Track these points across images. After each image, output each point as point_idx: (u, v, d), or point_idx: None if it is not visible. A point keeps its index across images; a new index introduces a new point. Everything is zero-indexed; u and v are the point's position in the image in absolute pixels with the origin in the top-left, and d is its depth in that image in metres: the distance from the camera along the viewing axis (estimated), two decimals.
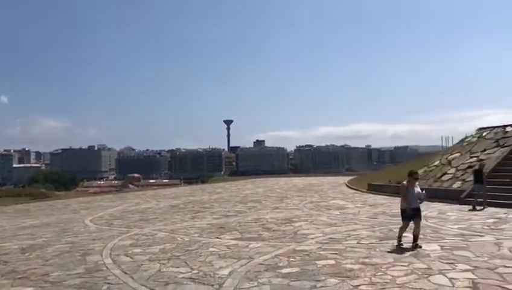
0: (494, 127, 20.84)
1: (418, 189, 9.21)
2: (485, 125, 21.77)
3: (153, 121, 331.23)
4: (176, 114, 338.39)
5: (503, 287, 6.12)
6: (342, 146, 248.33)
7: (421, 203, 9.25)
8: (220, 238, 11.31)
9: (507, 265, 7.30)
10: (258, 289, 6.67)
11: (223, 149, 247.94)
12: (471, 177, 15.98)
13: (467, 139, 21.88)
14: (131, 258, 9.22)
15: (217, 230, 12.61)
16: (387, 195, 20.67)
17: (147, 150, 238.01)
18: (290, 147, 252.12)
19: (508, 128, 19.68)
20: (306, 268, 7.70)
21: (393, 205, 17.09)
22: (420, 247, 8.88)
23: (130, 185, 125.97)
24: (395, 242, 9.31)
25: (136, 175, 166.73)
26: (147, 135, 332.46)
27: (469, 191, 16.09)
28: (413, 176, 9.35)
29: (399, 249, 8.86)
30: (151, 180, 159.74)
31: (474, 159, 18.82)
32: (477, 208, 14.46)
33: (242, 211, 17.06)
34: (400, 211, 9.46)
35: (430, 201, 17.19)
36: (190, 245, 10.35)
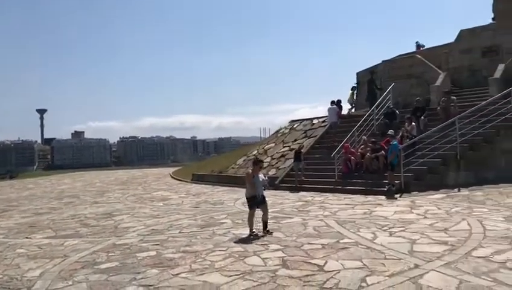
0: (303, 120, 23.13)
1: (262, 176, 9.44)
2: (297, 118, 24.09)
3: None
4: None
5: (307, 262, 6.80)
6: (168, 137, 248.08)
7: (265, 189, 9.51)
8: (30, 238, 10.27)
9: (311, 242, 8.16)
10: (74, 288, 6.24)
11: (36, 141, 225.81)
12: (288, 164, 17.53)
13: (281, 131, 23.86)
14: None
15: (26, 229, 11.42)
16: (210, 184, 21.34)
17: None
18: (113, 139, 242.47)
19: (314, 121, 22.02)
20: (126, 262, 7.47)
21: (215, 193, 17.77)
22: (271, 233, 9.04)
23: None
24: (246, 233, 9.17)
25: None
26: None
27: (290, 168, 17.89)
28: (258, 164, 9.58)
29: (245, 238, 8.83)
30: None
31: (287, 148, 20.64)
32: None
33: (57, 208, 15.77)
34: (245, 199, 9.54)
35: None
36: None
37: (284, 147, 21.15)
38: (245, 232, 9.38)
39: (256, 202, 9.17)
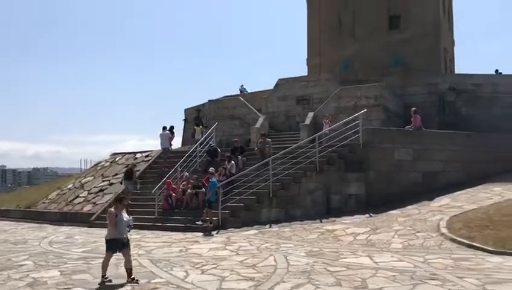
0: (126, 153, 22.38)
1: (126, 216, 8.34)
2: (122, 151, 23.19)
3: None
4: None
5: None
6: None
7: (129, 231, 8.39)
8: None
9: (120, 283, 7.71)
10: None
11: None
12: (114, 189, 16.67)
13: (101, 164, 22.65)
14: None
15: None
16: (15, 220, 19.07)
17: None
18: None
19: (138, 155, 21.46)
20: None
21: (18, 231, 15.86)
22: (137, 281, 7.92)
23: None
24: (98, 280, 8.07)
25: None
26: None
27: (108, 204, 16.75)
28: (121, 202, 8.43)
29: (102, 287, 7.80)
30: None
31: (106, 183, 19.62)
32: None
33: None
34: (105, 241, 8.28)
35: (58, 225, 16.79)
36: None
37: (103, 181, 20.07)
38: (47, 275, 8.47)
39: (117, 245, 8.06)
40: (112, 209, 8.29)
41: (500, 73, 26.08)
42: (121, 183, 17.55)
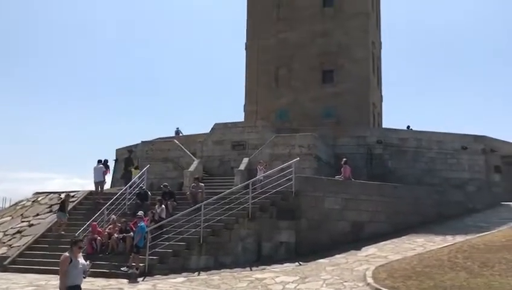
0: (50, 193, 21.18)
1: (82, 261, 7.34)
2: (47, 189, 21.93)
3: None
4: None
5: None
6: None
7: (85, 277, 7.39)
8: None
9: None
10: None
11: None
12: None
13: (22, 203, 21.22)
14: None
15: None
16: None
17: None
18: None
19: (62, 195, 20.35)
20: None
21: None
22: None
23: None
24: None
25: None
26: None
27: (26, 247, 16.34)
28: (77, 244, 7.35)
29: None
30: None
31: (25, 223, 18.35)
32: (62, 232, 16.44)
33: None
34: None
35: None
36: None
37: (22, 221, 18.72)
38: None
39: None
40: (67, 253, 7.29)
41: (411, 129, 27.97)
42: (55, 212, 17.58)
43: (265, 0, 33.70)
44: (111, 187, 23.11)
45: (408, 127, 28.60)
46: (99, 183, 19.74)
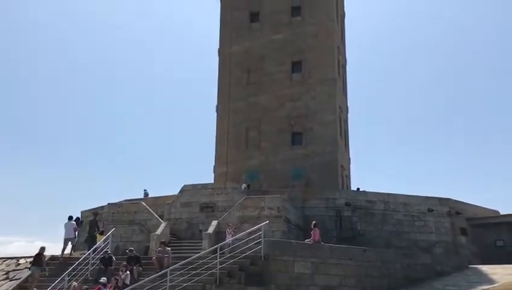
0: (7, 258, 20.18)
1: None
2: (5, 253, 20.93)
3: None
4: None
5: None
6: None
7: None
8: None
9: None
10: None
11: None
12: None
13: None
14: None
15: None
16: None
17: None
18: None
19: (21, 261, 19.44)
20: None
21: None
22: None
23: None
24: None
25: None
26: None
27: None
28: None
29: None
30: None
31: None
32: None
33: None
34: None
35: None
36: None
37: None
38: None
39: None
40: None
41: (363, 191, 27.73)
42: (29, 269, 17.21)
43: (236, 65, 34.74)
44: (74, 251, 22.18)
45: (358, 189, 29.15)
46: (70, 239, 19.78)
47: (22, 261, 19.46)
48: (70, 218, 20.21)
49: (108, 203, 24.01)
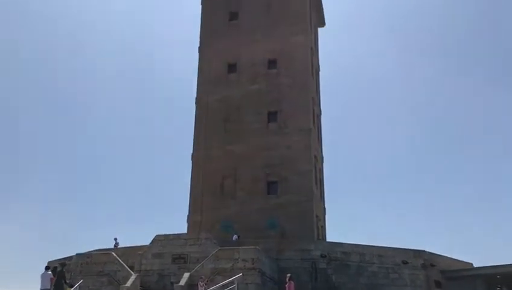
0: None
1: None
2: None
3: None
4: None
5: None
6: None
7: None
8: None
9: None
10: None
11: None
12: None
13: None
14: None
15: None
16: None
17: None
18: None
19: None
20: None
21: None
22: None
23: None
24: None
25: None
26: None
27: None
28: None
29: None
30: None
31: None
32: None
33: None
34: None
35: None
36: None
37: None
38: None
39: None
40: None
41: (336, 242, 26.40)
42: None
43: (213, 114, 34.97)
44: None
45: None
46: None
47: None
48: (47, 268, 19.09)
49: (77, 254, 23.17)
